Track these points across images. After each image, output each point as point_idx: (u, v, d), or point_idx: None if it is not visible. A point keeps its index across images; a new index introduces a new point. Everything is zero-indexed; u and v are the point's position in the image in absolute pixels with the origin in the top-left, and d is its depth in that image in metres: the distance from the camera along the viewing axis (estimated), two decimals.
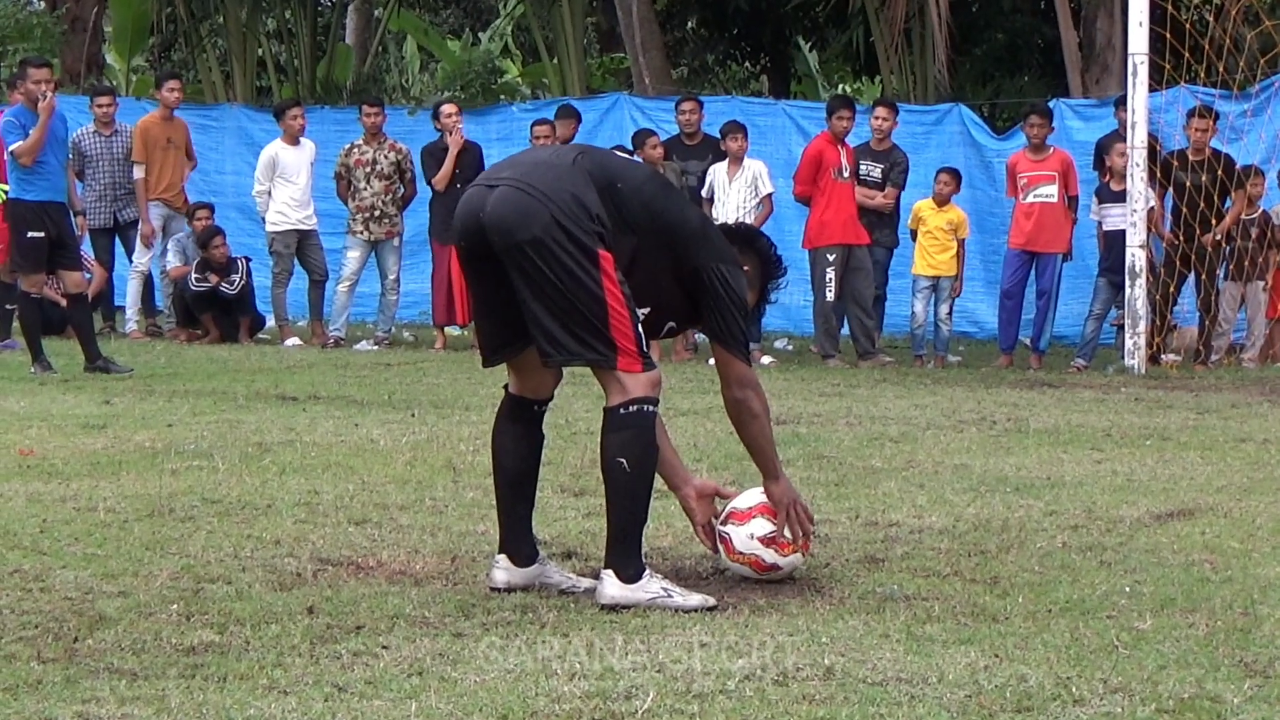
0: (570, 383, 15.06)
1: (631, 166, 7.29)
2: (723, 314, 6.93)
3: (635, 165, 7.25)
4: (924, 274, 19.76)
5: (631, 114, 24.50)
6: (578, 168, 6.80)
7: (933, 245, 19.74)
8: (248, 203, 22.85)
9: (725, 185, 19.45)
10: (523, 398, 7.15)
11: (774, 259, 7.45)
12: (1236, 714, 5.20)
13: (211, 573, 7.12)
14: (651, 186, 7.01)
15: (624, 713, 5.13)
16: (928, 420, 13.34)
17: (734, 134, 19.52)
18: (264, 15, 31.72)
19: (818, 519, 7.96)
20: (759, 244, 7.46)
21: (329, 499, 9.02)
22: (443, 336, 20.98)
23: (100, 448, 10.93)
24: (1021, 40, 29.01)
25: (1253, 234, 19.51)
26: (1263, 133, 21.41)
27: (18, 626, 6.13)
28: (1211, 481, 10.12)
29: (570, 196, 6.66)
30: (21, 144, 16.42)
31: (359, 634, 6.08)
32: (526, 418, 7.15)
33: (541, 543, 7.72)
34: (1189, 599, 6.81)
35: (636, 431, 6.77)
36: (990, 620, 6.43)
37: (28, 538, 7.83)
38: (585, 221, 6.64)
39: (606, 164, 6.96)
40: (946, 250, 19.75)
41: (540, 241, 6.59)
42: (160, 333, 21.96)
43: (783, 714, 5.14)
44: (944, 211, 19.82)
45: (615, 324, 6.68)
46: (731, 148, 19.46)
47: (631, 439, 6.77)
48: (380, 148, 21.30)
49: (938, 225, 19.74)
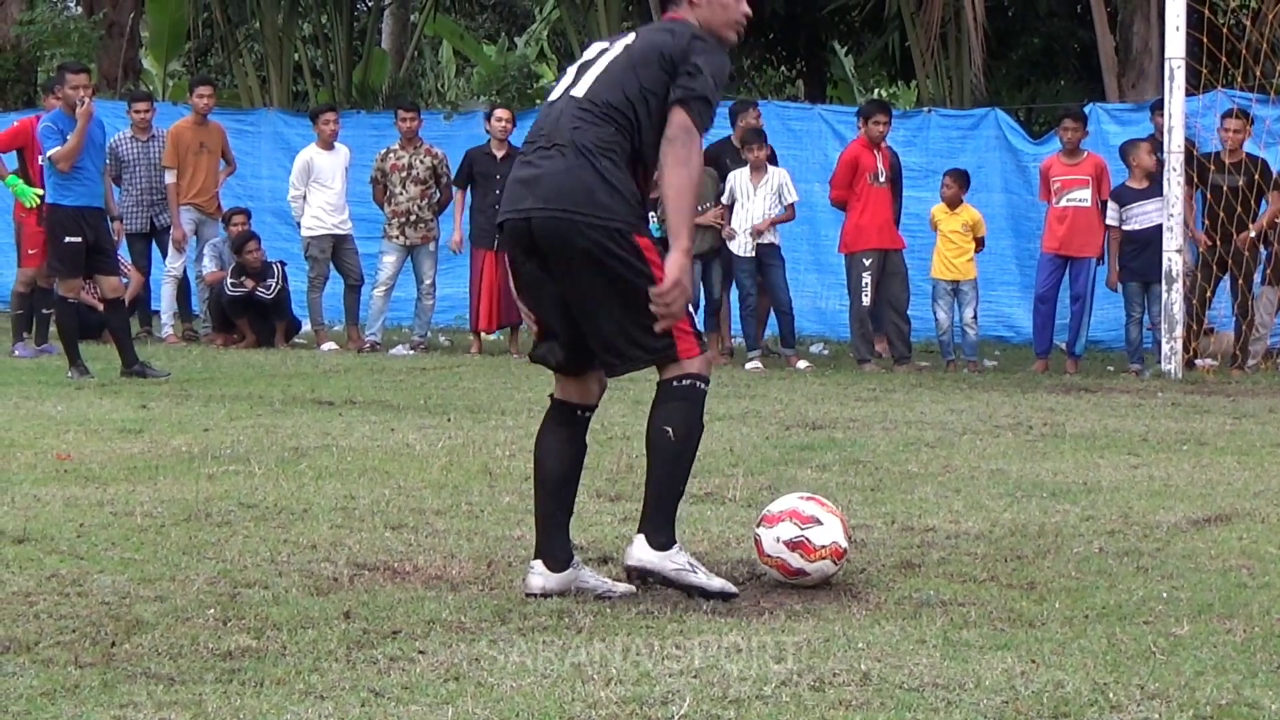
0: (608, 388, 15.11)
1: (647, 64, 6.98)
2: (693, 79, 6.83)
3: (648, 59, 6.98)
4: (943, 278, 19.65)
5: None
6: (590, 116, 6.87)
7: (949, 249, 19.61)
8: (283, 207, 22.89)
9: (750, 192, 19.33)
10: (569, 403, 7.21)
11: None
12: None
13: (248, 577, 7.14)
14: (639, 69, 6.93)
15: (660, 717, 5.13)
16: (964, 425, 13.33)
17: (755, 144, 19.43)
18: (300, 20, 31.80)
19: (853, 525, 7.96)
20: None
21: (365, 504, 9.03)
22: (479, 341, 20.98)
23: (137, 452, 10.96)
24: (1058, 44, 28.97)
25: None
26: None
27: (55, 631, 6.15)
28: (1249, 487, 10.10)
29: (606, 190, 6.75)
30: (59, 149, 16.47)
31: (395, 639, 6.09)
32: (572, 423, 7.19)
33: (578, 547, 7.73)
34: (1226, 605, 6.79)
35: (687, 404, 6.87)
36: (1027, 626, 6.42)
37: (65, 542, 7.85)
38: (621, 213, 6.76)
39: (611, 82, 6.95)
40: (964, 253, 19.58)
41: (588, 253, 6.73)
42: (196, 337, 22.02)
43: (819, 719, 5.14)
44: (957, 214, 19.69)
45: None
46: (751, 158, 19.37)
47: (681, 410, 6.87)
48: (416, 153, 21.31)
49: (952, 229, 19.63)
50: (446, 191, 21.41)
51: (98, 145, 16.99)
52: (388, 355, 20.34)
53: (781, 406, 14.50)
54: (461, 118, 27.53)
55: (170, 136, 21.86)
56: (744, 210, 19.37)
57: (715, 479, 10.00)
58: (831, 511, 7.26)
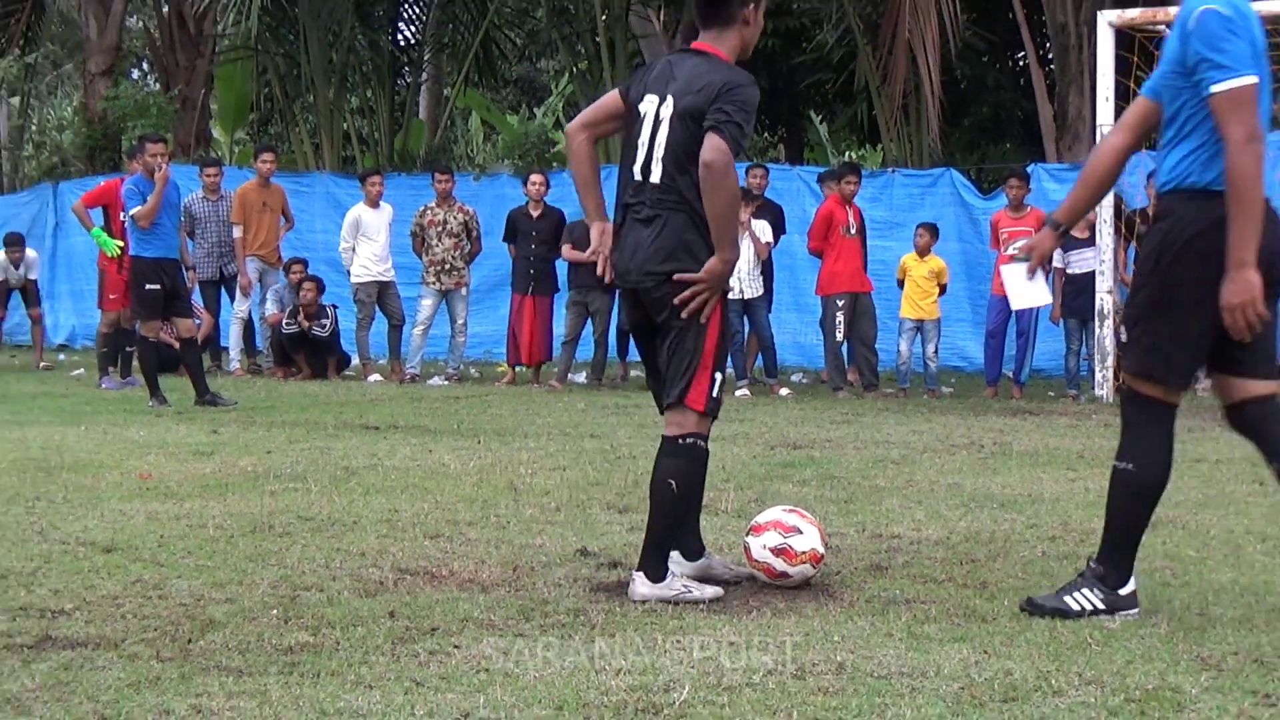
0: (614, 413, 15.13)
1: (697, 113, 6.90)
2: (725, 110, 6.75)
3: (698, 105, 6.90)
4: (910, 317, 19.77)
5: None
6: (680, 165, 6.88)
7: (917, 292, 19.75)
8: (335, 257, 22.90)
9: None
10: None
11: None
12: (1195, 703, 5.17)
13: (306, 581, 7.14)
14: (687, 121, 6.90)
15: (663, 704, 5.12)
16: (924, 444, 13.32)
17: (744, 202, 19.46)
18: (348, 94, 31.80)
19: (829, 533, 7.96)
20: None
21: (407, 516, 9.03)
22: (513, 373, 21.04)
23: (209, 472, 10.96)
24: (1004, 113, 28.99)
25: None
26: None
27: (139, 629, 6.15)
28: (1170, 497, 10.01)
29: (685, 250, 6.85)
30: (140, 209, 16.51)
31: (434, 635, 6.08)
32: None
33: (591, 554, 7.75)
34: (1152, 601, 6.79)
35: (688, 463, 6.89)
36: (980, 621, 6.42)
37: (147, 551, 7.85)
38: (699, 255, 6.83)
39: (676, 143, 6.92)
40: (929, 296, 19.79)
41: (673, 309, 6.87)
42: (260, 371, 22.04)
43: (801, 704, 5.13)
44: (926, 262, 19.83)
45: (703, 364, 6.88)
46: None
47: (683, 467, 6.89)
48: (450, 210, 21.35)
49: (921, 274, 19.75)
50: (476, 243, 21.49)
51: (173, 204, 17.01)
52: (426, 386, 20.33)
53: (767, 429, 14.49)
54: (489, 179, 27.57)
55: (237, 196, 21.93)
56: None
57: (709, 493, 9.93)
58: (811, 522, 7.26)
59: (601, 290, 20.07)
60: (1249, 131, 6.18)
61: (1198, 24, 6.27)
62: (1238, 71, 6.23)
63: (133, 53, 42.94)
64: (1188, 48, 6.33)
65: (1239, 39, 6.27)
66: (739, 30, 7.11)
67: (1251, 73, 6.24)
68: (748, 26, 7.13)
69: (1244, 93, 6.21)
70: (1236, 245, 6.18)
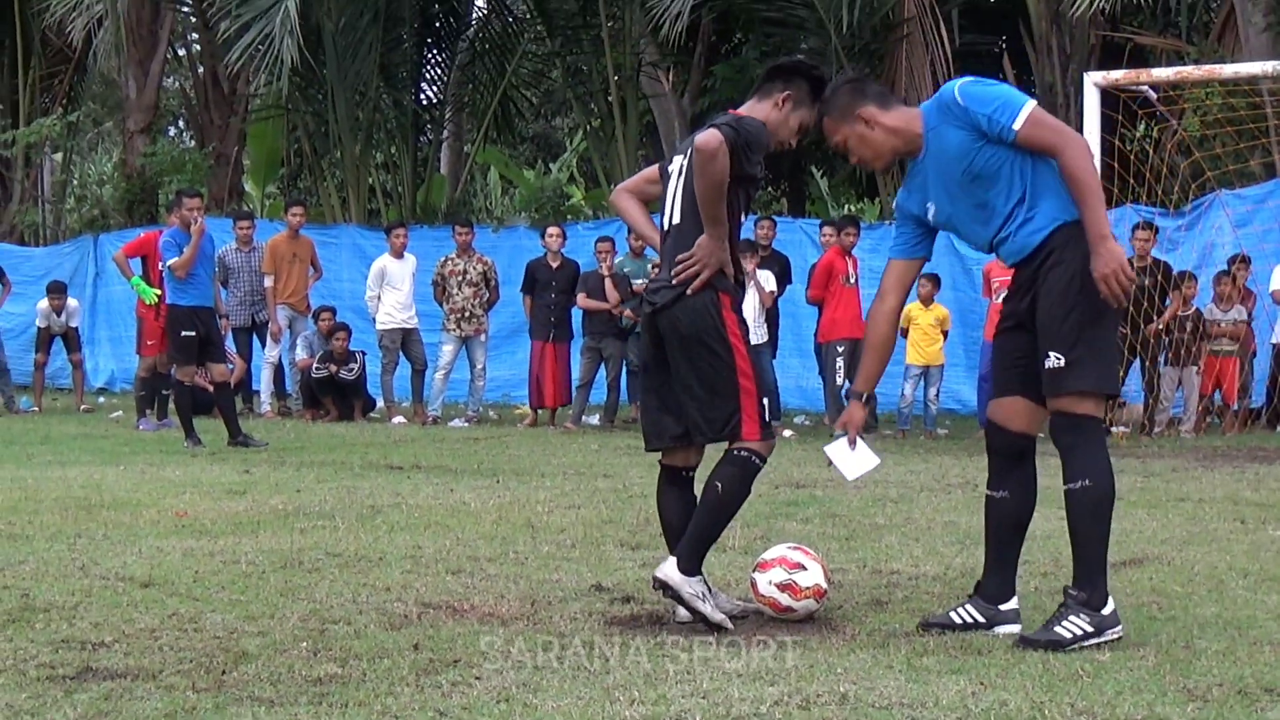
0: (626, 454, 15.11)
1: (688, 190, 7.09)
2: (729, 122, 6.85)
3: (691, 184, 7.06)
4: (916, 363, 19.76)
5: None
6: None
7: (922, 339, 19.74)
8: (361, 306, 22.95)
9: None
10: (674, 467, 7.29)
11: (818, 77, 7.25)
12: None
13: (334, 615, 7.12)
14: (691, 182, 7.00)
15: None
16: (921, 484, 13.30)
17: (749, 253, 19.53)
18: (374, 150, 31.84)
19: (831, 569, 7.93)
20: (803, 69, 7.30)
21: (430, 552, 9.01)
22: (535, 415, 21.08)
23: (241, 510, 10.95)
24: None
25: (1187, 327, 19.53)
26: (1194, 244, 21.42)
27: (175, 661, 6.14)
28: (1157, 535, 10.07)
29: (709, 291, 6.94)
30: (177, 260, 16.56)
31: (456, 666, 6.06)
32: (680, 482, 7.29)
33: (604, 589, 7.72)
34: (1140, 635, 6.76)
35: (739, 470, 6.93)
36: (976, 653, 6.39)
37: (183, 586, 7.84)
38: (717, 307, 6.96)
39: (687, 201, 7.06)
40: (935, 343, 19.80)
41: (688, 340, 6.94)
42: (290, 413, 22.04)
43: None
44: (930, 310, 19.84)
45: (745, 404, 6.92)
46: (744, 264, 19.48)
47: (732, 473, 6.93)
48: (470, 260, 21.40)
49: (927, 322, 19.76)
50: (495, 292, 21.55)
51: (208, 255, 17.06)
52: (447, 427, 20.33)
53: (771, 469, 14.40)
54: (506, 231, 27.64)
55: (268, 248, 21.97)
56: None
57: None
58: (814, 558, 7.24)
59: (615, 336, 20.14)
60: (1060, 134, 6.50)
61: (963, 97, 6.67)
62: (1017, 103, 6.54)
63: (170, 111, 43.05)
64: (973, 120, 6.62)
65: (997, 84, 6.70)
66: (769, 107, 7.18)
67: (1026, 98, 6.58)
68: (777, 110, 7.17)
69: (1034, 113, 6.52)
70: (1093, 224, 6.44)
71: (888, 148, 6.94)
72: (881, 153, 6.97)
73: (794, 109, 7.19)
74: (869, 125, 6.89)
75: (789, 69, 7.29)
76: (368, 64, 29.46)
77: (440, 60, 32.28)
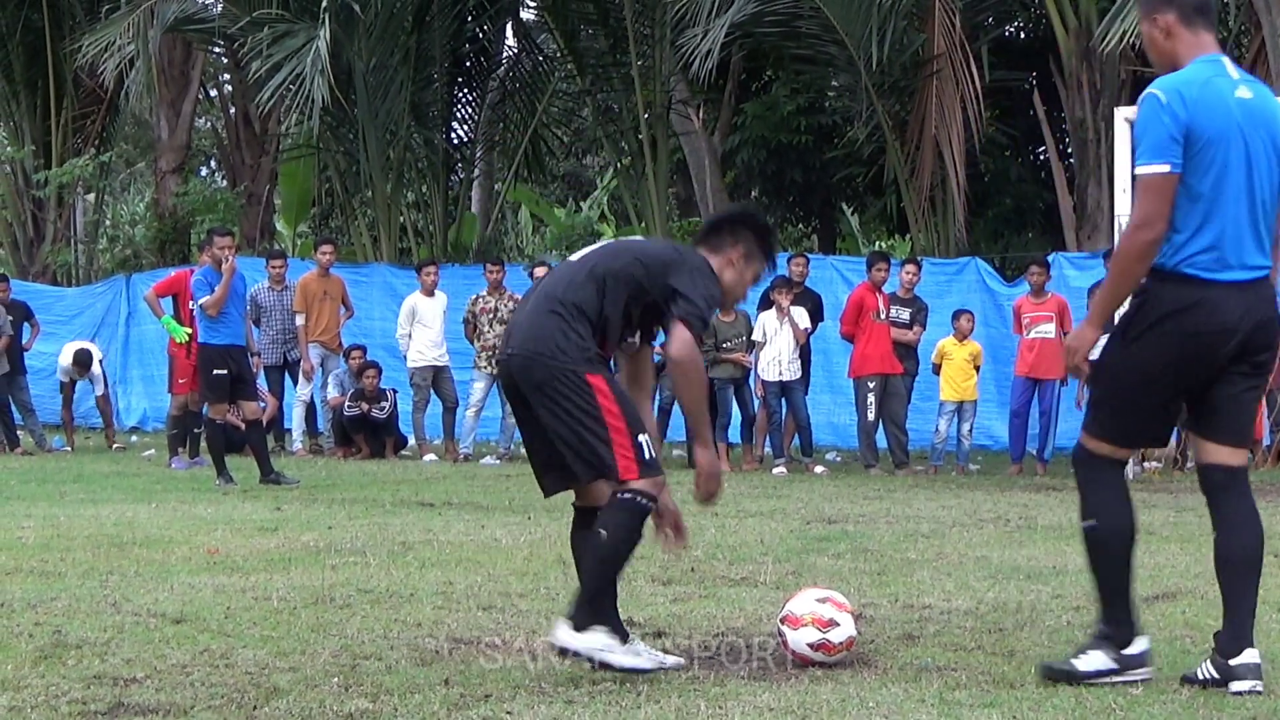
0: None
1: (619, 257, 6.98)
2: (692, 300, 6.71)
3: (621, 254, 6.96)
4: (950, 399, 19.77)
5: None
6: (577, 285, 6.85)
7: (957, 374, 19.76)
8: (392, 344, 22.98)
9: (776, 328, 19.60)
10: (586, 508, 7.03)
11: (764, 227, 7.17)
12: None
13: (365, 651, 7.13)
14: (635, 266, 6.87)
15: None
16: (953, 519, 13.27)
17: (784, 290, 19.61)
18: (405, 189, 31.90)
19: (863, 603, 7.92)
20: (749, 221, 7.17)
21: (461, 588, 9.02)
22: None
23: (273, 546, 10.97)
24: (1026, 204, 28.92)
25: None
26: None
27: (207, 697, 6.15)
28: (1190, 569, 10.03)
29: (562, 336, 6.71)
30: (209, 299, 16.60)
31: (487, 702, 6.07)
32: (590, 523, 6.89)
33: (636, 623, 7.72)
34: (1173, 668, 6.75)
35: (625, 514, 6.59)
36: (1009, 687, 6.38)
37: (214, 622, 7.86)
38: (576, 354, 6.70)
39: (607, 265, 6.91)
40: (969, 378, 19.82)
41: (542, 387, 6.68)
42: (322, 451, 22.07)
43: None
44: (964, 346, 19.86)
45: (616, 441, 6.62)
46: (777, 300, 19.61)
47: (617, 519, 6.59)
48: (501, 298, 21.43)
49: (961, 357, 19.78)
50: None
51: (239, 294, 17.11)
52: (478, 464, 20.35)
53: (803, 504, 14.46)
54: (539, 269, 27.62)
55: (300, 286, 22.03)
56: (772, 346, 19.55)
57: (749, 565, 9.97)
58: (843, 608, 7.05)
59: None
60: (1142, 217, 6.30)
61: (1139, 105, 6.38)
62: (1148, 159, 6.30)
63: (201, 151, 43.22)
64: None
65: (1160, 125, 6.29)
66: (723, 263, 7.03)
67: (1161, 161, 6.27)
68: (733, 269, 7.05)
69: (1148, 180, 6.30)
70: (1095, 303, 6.50)
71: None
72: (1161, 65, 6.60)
73: (747, 264, 7.06)
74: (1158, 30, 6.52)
75: (735, 219, 7.18)
76: (399, 103, 29.54)
77: (471, 99, 32.36)
